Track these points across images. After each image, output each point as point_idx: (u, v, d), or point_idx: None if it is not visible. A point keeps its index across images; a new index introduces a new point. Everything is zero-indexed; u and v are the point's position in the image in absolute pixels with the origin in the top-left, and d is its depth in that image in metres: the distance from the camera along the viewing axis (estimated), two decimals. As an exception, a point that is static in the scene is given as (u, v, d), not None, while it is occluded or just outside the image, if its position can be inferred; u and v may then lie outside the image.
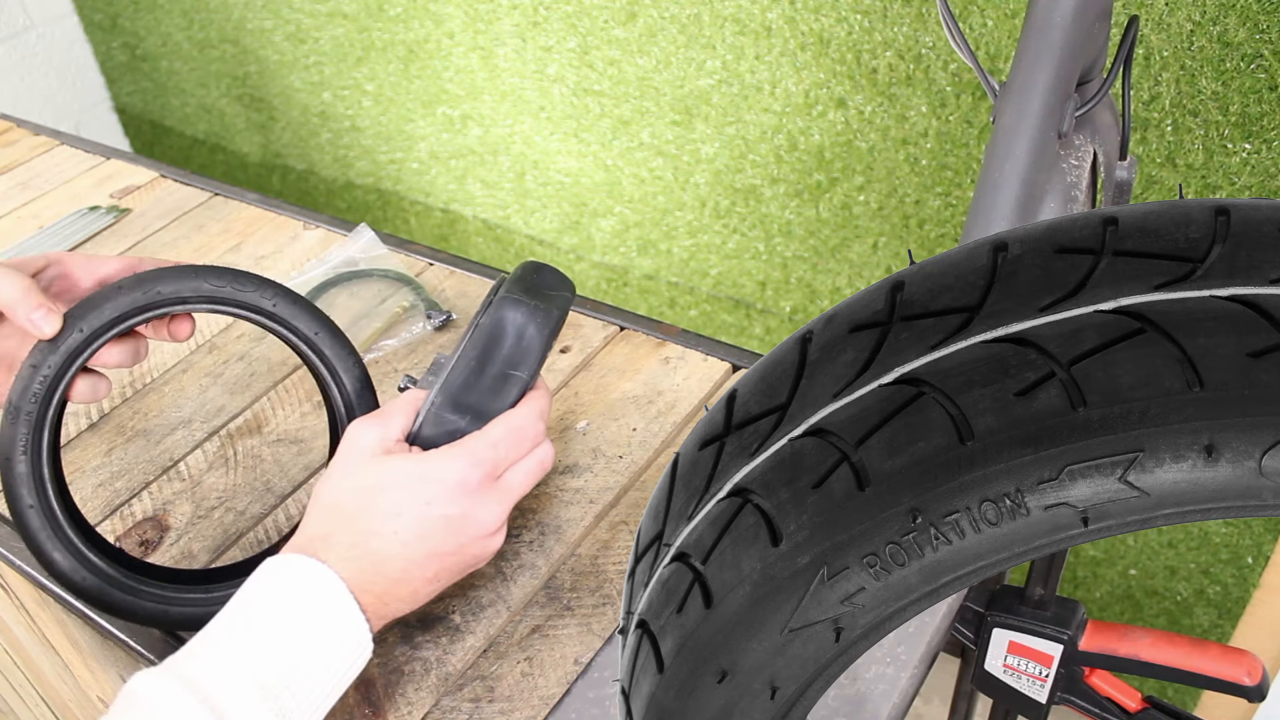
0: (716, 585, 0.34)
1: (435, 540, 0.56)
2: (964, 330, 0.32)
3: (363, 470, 0.56)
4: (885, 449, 0.32)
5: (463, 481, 0.55)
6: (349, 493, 0.56)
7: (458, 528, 0.56)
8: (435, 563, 0.56)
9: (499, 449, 0.57)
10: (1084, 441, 0.29)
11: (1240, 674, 0.55)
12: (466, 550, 0.57)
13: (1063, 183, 0.73)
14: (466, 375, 0.60)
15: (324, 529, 0.56)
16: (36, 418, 0.61)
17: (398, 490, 0.55)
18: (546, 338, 0.61)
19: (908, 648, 0.54)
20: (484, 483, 0.56)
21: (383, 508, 0.55)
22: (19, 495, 0.62)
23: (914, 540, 0.32)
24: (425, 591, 0.58)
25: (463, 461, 0.56)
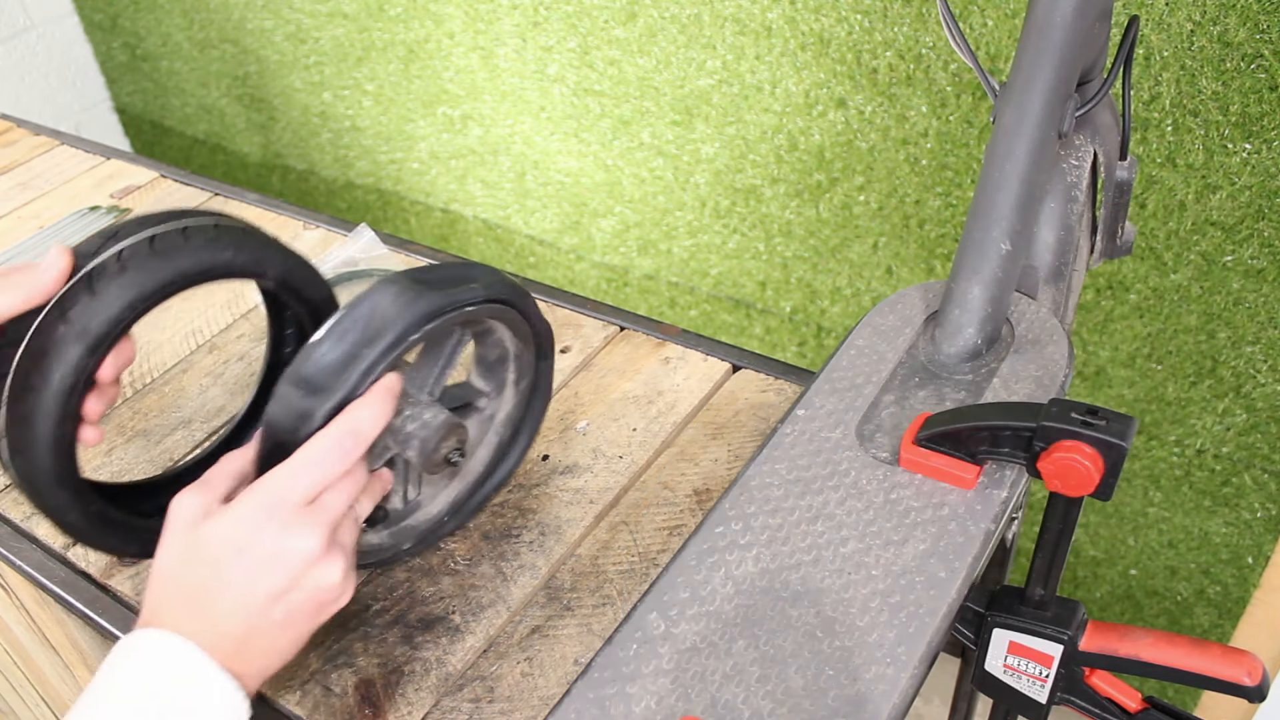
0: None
1: (266, 581, 0.55)
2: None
3: (184, 540, 0.56)
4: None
5: (268, 517, 0.55)
6: (175, 565, 0.56)
7: (281, 562, 0.55)
8: (278, 606, 0.55)
9: (297, 479, 0.55)
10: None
11: (1240, 674, 0.55)
12: (304, 583, 0.56)
13: (1063, 183, 0.73)
14: (315, 355, 0.56)
15: (160, 604, 0.56)
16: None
17: (215, 546, 0.55)
18: (408, 323, 0.56)
19: (908, 648, 0.54)
20: (291, 512, 0.55)
21: (208, 567, 0.55)
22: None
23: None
24: (285, 640, 0.57)
25: (258, 501, 0.55)
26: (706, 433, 0.81)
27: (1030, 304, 0.71)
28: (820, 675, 0.54)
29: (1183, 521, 1.28)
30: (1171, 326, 1.17)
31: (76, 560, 0.76)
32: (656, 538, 0.73)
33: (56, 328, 0.56)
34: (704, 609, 0.58)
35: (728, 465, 0.78)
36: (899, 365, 0.69)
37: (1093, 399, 1.29)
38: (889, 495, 0.61)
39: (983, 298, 0.66)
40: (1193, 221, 1.10)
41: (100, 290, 0.56)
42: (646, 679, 0.55)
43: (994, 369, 0.67)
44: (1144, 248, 1.14)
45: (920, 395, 0.67)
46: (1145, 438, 1.26)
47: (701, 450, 0.79)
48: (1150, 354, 1.21)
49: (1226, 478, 1.22)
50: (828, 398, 0.68)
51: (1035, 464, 0.55)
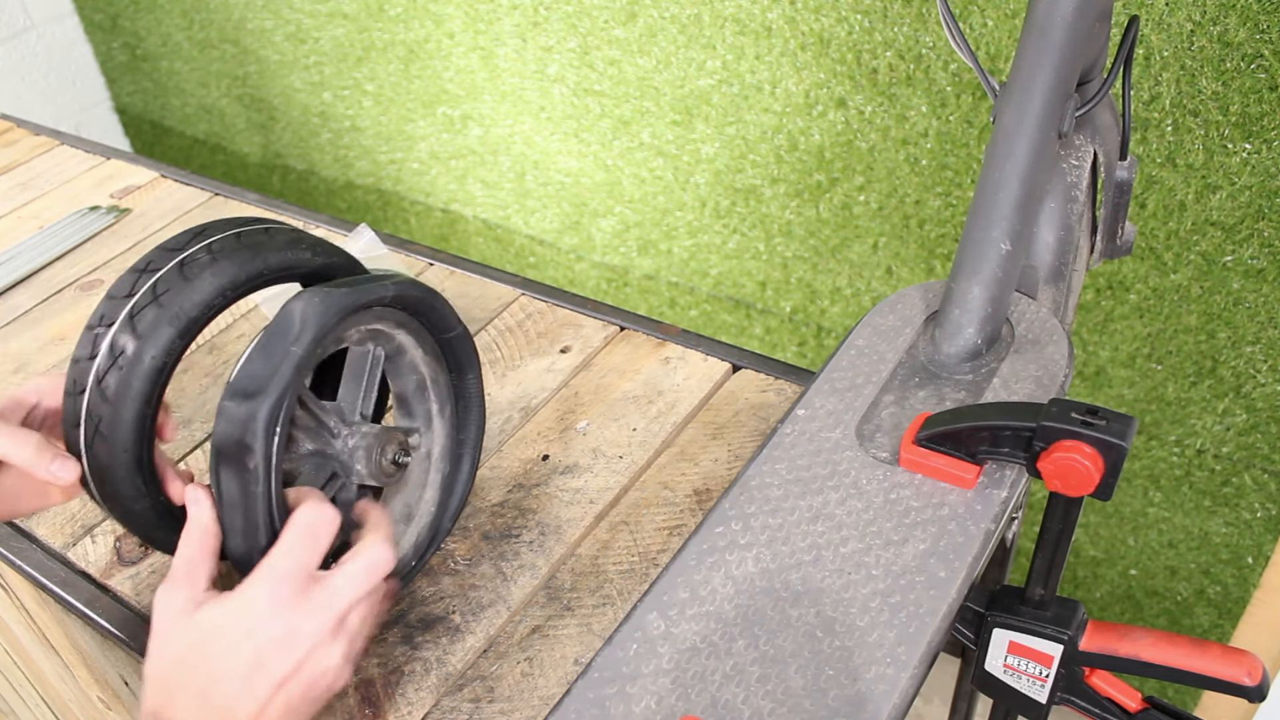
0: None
1: (273, 667, 0.55)
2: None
3: (181, 633, 0.56)
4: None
5: (275, 599, 0.55)
6: (176, 658, 0.56)
7: (289, 645, 0.55)
8: (283, 694, 0.55)
9: (296, 554, 0.56)
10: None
11: (1240, 674, 0.55)
12: (308, 667, 0.56)
13: (1063, 183, 0.73)
14: (246, 367, 0.57)
15: (162, 699, 0.55)
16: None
17: (219, 636, 0.55)
18: (324, 319, 0.57)
19: (908, 648, 0.54)
20: (297, 591, 0.55)
21: (214, 656, 0.55)
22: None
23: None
24: (291, 717, 0.56)
25: (267, 581, 0.55)
26: (706, 433, 0.81)
27: (1030, 304, 0.71)
28: (820, 675, 0.54)
29: (1183, 521, 1.28)
30: (1171, 326, 1.17)
31: (76, 560, 0.76)
32: (656, 538, 0.73)
33: (149, 311, 0.57)
34: (704, 609, 0.58)
35: (728, 465, 0.78)
36: (899, 365, 0.69)
37: (1093, 399, 1.29)
38: (889, 495, 0.61)
39: (983, 298, 0.66)
40: (1193, 221, 1.10)
41: (193, 276, 0.58)
42: (646, 679, 0.55)
43: (994, 369, 0.67)
44: (1144, 248, 1.14)
45: (920, 395, 0.67)
46: (1145, 438, 1.26)
47: (701, 450, 0.79)
48: (1150, 354, 1.21)
49: (1226, 478, 1.22)
50: (828, 398, 0.68)
51: (1035, 464, 0.55)
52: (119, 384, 0.57)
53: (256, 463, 0.55)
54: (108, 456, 0.58)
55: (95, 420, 0.58)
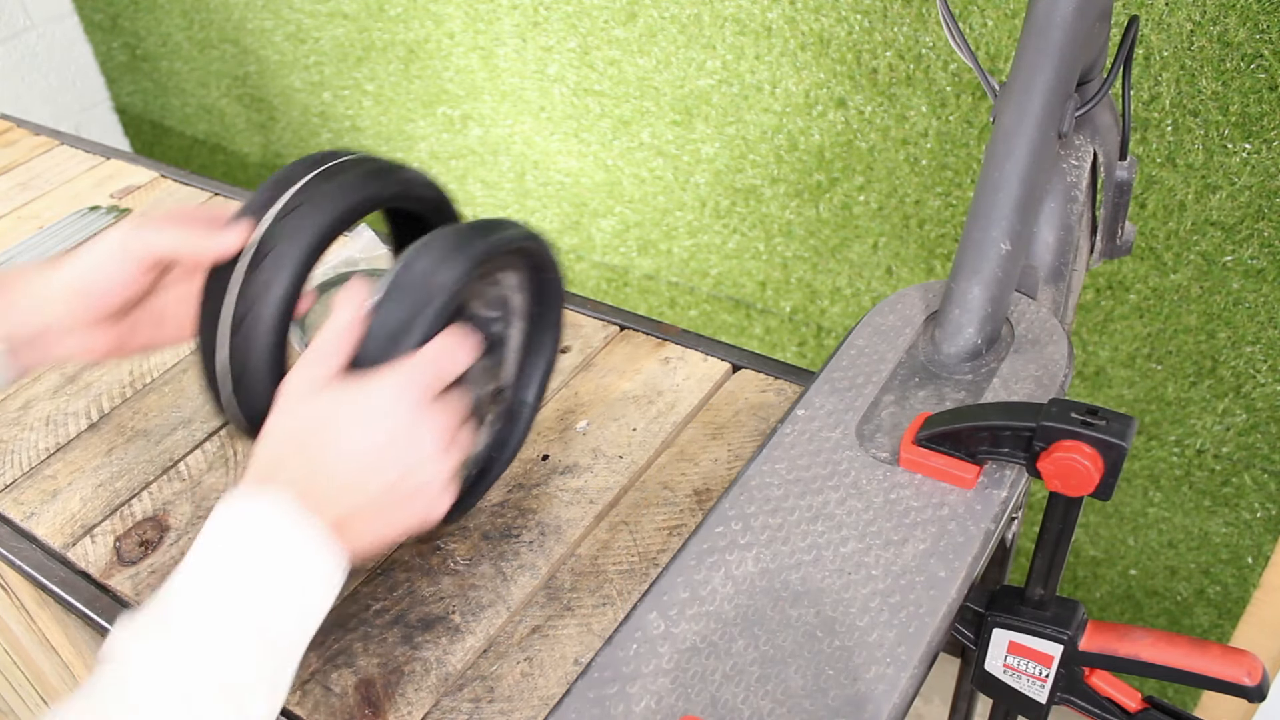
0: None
1: (389, 455, 0.56)
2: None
3: (304, 407, 0.57)
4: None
5: (401, 395, 0.57)
6: (294, 429, 0.57)
7: (404, 443, 0.57)
8: (388, 486, 0.56)
9: (429, 371, 0.58)
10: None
11: (1240, 674, 0.55)
12: (419, 472, 0.57)
13: (1063, 183, 0.73)
14: (388, 304, 0.60)
15: (273, 464, 0.57)
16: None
17: (343, 414, 0.56)
18: (472, 258, 0.61)
19: (908, 648, 0.54)
20: (422, 398, 0.57)
21: (330, 431, 0.56)
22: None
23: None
24: (382, 522, 0.57)
25: (399, 377, 0.57)
26: (706, 433, 0.81)
27: (1030, 304, 0.71)
28: (820, 675, 0.54)
29: (1183, 521, 1.28)
30: (1171, 326, 1.17)
31: (76, 560, 0.76)
32: (656, 538, 0.73)
33: (276, 238, 0.62)
34: (704, 609, 0.58)
35: (728, 465, 0.78)
36: (899, 365, 0.69)
37: (1093, 399, 1.29)
38: (889, 495, 0.61)
39: (983, 298, 0.66)
40: (1193, 221, 1.10)
41: (314, 201, 0.63)
42: (646, 679, 0.55)
43: (994, 369, 0.67)
44: (1144, 248, 1.14)
45: (920, 395, 0.67)
46: (1145, 438, 1.26)
47: (701, 450, 0.79)
48: (1150, 354, 1.21)
49: (1226, 478, 1.22)
50: (828, 398, 0.68)
51: (1035, 464, 0.55)
52: (273, 264, 0.61)
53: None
54: (253, 341, 0.61)
55: (246, 306, 0.61)
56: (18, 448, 0.86)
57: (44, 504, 0.81)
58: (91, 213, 1.20)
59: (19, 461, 0.85)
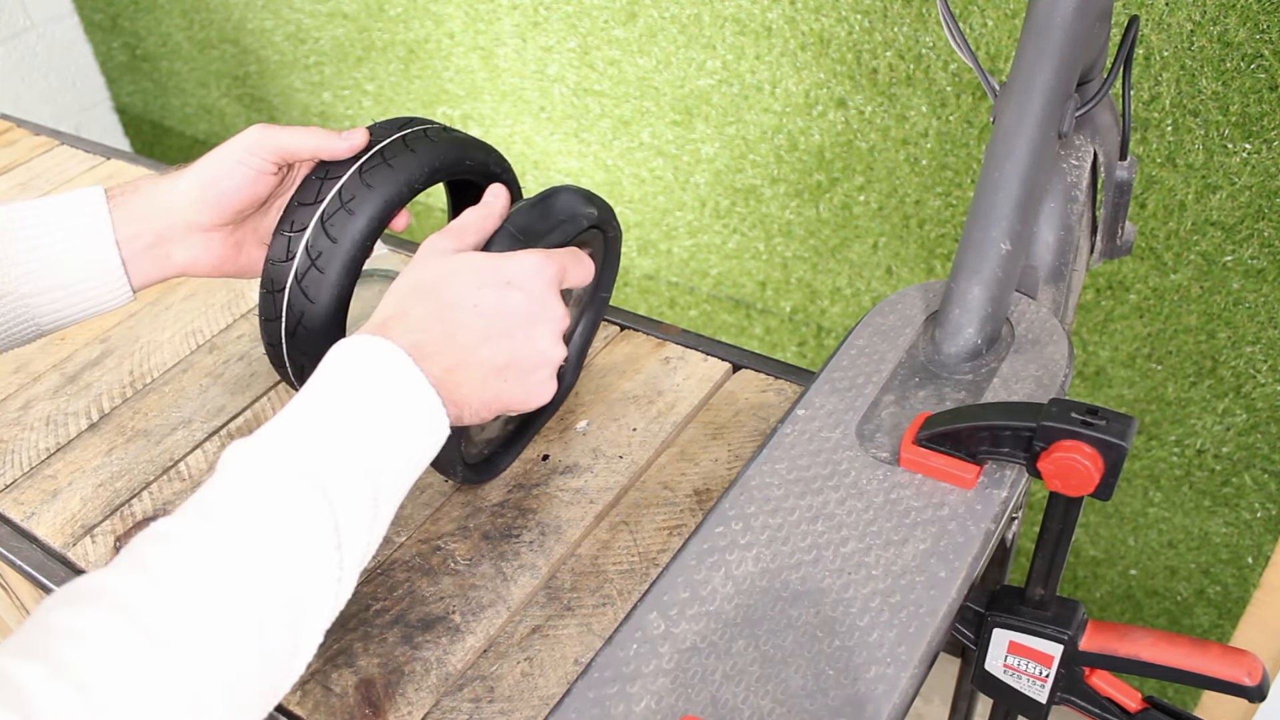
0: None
1: (510, 320, 0.59)
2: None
3: (442, 261, 0.60)
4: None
5: (541, 270, 0.60)
6: (430, 277, 0.59)
7: (533, 311, 0.59)
8: (505, 352, 0.59)
9: (567, 260, 0.62)
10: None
11: (1240, 674, 0.55)
12: (535, 343, 0.60)
13: (1063, 183, 0.73)
14: (529, 212, 0.66)
15: (400, 308, 0.59)
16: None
17: (478, 273, 0.59)
18: (568, 231, 0.66)
19: (908, 648, 0.54)
20: (554, 281, 0.60)
21: (464, 282, 0.59)
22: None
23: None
24: (491, 389, 0.59)
25: (539, 256, 0.60)
26: (706, 433, 0.81)
27: (1030, 304, 0.71)
28: (820, 675, 0.54)
29: (1183, 521, 1.28)
30: (1171, 326, 1.17)
31: (76, 560, 0.76)
32: (656, 538, 0.73)
33: (380, 169, 0.67)
34: (704, 609, 0.58)
35: (728, 465, 0.78)
36: (899, 365, 0.69)
37: (1093, 399, 1.29)
38: (889, 495, 0.61)
39: (983, 298, 0.66)
40: (1193, 221, 1.10)
41: (396, 165, 0.67)
42: (646, 679, 0.55)
43: (994, 369, 0.67)
44: (1144, 248, 1.14)
45: (920, 395, 0.67)
46: (1145, 438, 1.26)
47: (701, 450, 0.79)
48: (1150, 354, 1.21)
49: (1226, 478, 1.22)
50: (828, 398, 0.68)
51: (1035, 464, 0.55)
52: (346, 225, 0.65)
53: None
54: (320, 293, 0.65)
55: (316, 252, 0.65)
56: (18, 448, 0.86)
57: (44, 504, 0.81)
58: (91, 213, 1.20)
59: (19, 461, 0.85)
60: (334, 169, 0.67)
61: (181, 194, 0.68)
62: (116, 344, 0.97)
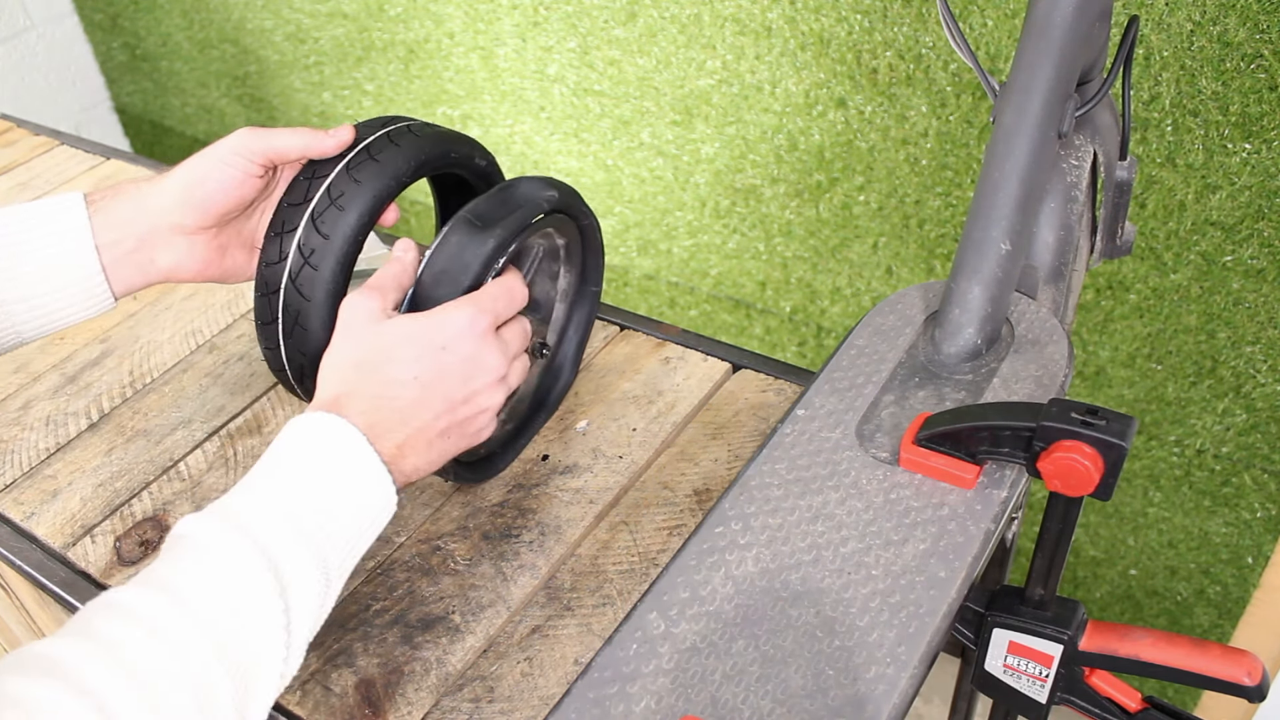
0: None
1: (451, 384, 0.60)
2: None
3: (370, 334, 0.60)
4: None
5: (472, 325, 0.60)
6: (364, 353, 0.60)
7: (469, 371, 0.60)
8: (449, 413, 0.60)
9: (498, 302, 0.62)
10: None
11: (1240, 674, 0.55)
12: (476, 400, 0.61)
13: (1063, 183, 0.73)
14: (488, 200, 0.66)
15: (347, 386, 0.60)
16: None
17: (414, 344, 0.60)
18: (484, 263, 0.64)
19: (908, 648, 0.54)
20: (489, 329, 0.61)
21: (403, 355, 0.59)
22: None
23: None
24: (438, 449, 0.61)
25: (469, 309, 0.61)
26: (706, 433, 0.81)
27: (1030, 304, 0.71)
28: (820, 675, 0.54)
29: (1183, 521, 1.28)
30: (1171, 326, 1.17)
31: (76, 560, 0.76)
32: (656, 538, 0.73)
33: (368, 165, 0.67)
34: (704, 609, 0.58)
35: (728, 465, 0.78)
36: (899, 365, 0.69)
37: (1093, 399, 1.29)
38: (889, 495, 0.61)
39: (983, 298, 0.66)
40: (1193, 221, 1.10)
41: (383, 160, 0.67)
42: (646, 679, 0.55)
43: (994, 369, 0.67)
44: (1144, 248, 1.14)
45: (920, 395, 0.67)
46: (1145, 438, 1.26)
47: (701, 450, 0.79)
48: (1150, 354, 1.21)
49: (1226, 478, 1.22)
50: (828, 398, 0.68)
51: (1035, 464, 0.55)
52: (336, 221, 0.65)
53: (460, 293, 0.63)
54: (313, 290, 0.65)
55: (309, 250, 0.65)
56: (18, 448, 0.86)
57: (44, 504, 0.81)
58: (91, 213, 1.20)
59: (19, 461, 0.85)
60: (321, 168, 0.67)
61: (165, 195, 0.68)
62: (116, 344, 0.97)
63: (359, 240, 0.66)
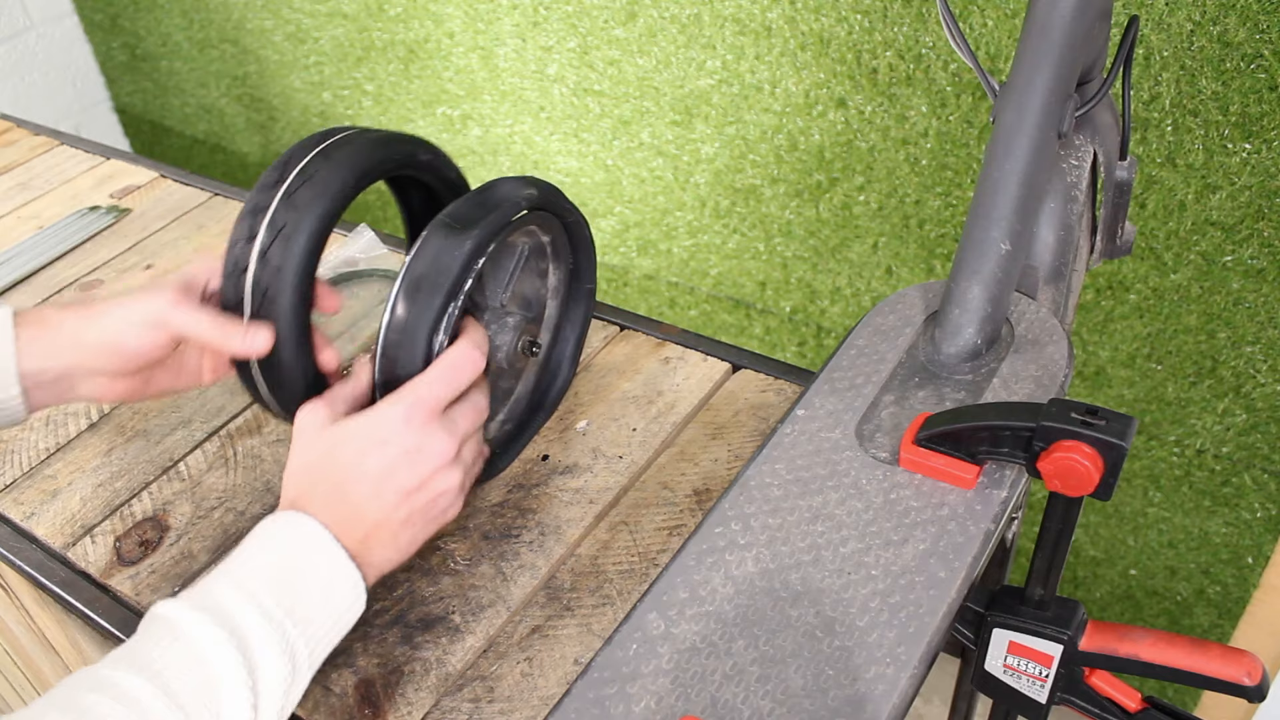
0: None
1: (401, 476, 0.61)
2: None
3: (319, 440, 0.63)
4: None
5: (409, 418, 0.61)
6: (316, 459, 0.62)
7: (415, 460, 0.61)
8: (405, 503, 0.62)
9: (435, 387, 0.62)
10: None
11: (1240, 674, 0.55)
12: (430, 485, 0.62)
13: (1063, 183, 0.73)
14: (466, 202, 0.66)
15: (301, 489, 0.62)
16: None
17: (357, 441, 0.62)
18: (464, 265, 0.63)
19: (908, 648, 0.54)
20: (429, 417, 0.62)
21: (349, 459, 0.61)
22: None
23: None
24: (404, 538, 0.63)
25: (403, 403, 0.62)
26: (706, 433, 0.81)
27: (1030, 304, 0.71)
28: (820, 675, 0.54)
29: (1183, 521, 1.28)
30: (1171, 326, 1.17)
31: (76, 560, 0.76)
32: (656, 538, 0.73)
33: (304, 189, 0.65)
34: (704, 609, 0.58)
35: (728, 465, 0.78)
36: (899, 365, 0.69)
37: (1093, 399, 1.29)
38: (889, 495, 0.61)
39: (982, 298, 0.66)
40: (1193, 221, 1.10)
41: (335, 158, 0.66)
42: (646, 679, 0.55)
43: (994, 369, 0.67)
44: (1144, 248, 1.14)
45: (920, 395, 0.67)
46: (1145, 438, 1.26)
47: (701, 450, 0.79)
48: (1150, 354, 1.21)
49: (1226, 478, 1.22)
50: (828, 398, 0.68)
51: (1035, 464, 0.55)
52: (285, 251, 0.63)
53: (441, 295, 0.62)
54: (275, 322, 0.65)
55: (262, 289, 0.64)
56: (18, 448, 0.86)
57: (44, 504, 0.81)
58: (91, 213, 1.20)
59: (19, 461, 0.85)
60: (262, 199, 0.65)
61: (89, 342, 0.69)
62: (116, 344, 0.96)
63: (311, 265, 0.65)
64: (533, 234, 0.74)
